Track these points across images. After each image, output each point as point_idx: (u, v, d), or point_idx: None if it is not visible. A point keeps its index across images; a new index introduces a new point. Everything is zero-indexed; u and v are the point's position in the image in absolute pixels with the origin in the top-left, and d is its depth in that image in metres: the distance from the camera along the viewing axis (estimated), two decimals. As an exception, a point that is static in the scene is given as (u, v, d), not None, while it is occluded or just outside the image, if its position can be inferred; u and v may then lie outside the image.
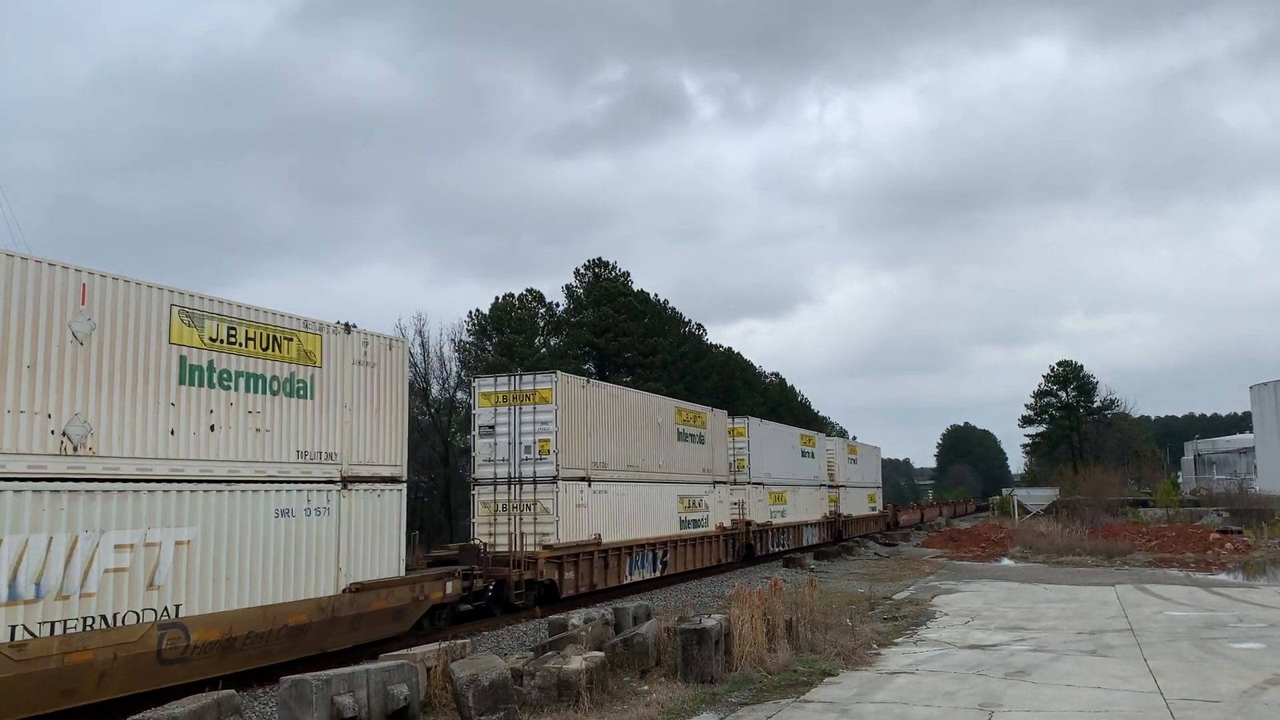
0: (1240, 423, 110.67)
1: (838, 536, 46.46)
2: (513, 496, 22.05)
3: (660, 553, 26.64)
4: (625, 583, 24.56)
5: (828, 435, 51.54)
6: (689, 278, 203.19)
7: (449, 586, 17.57)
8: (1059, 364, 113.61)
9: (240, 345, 13.57)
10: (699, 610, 17.65)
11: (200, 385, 12.83)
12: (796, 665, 13.52)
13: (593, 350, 70.42)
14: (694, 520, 29.20)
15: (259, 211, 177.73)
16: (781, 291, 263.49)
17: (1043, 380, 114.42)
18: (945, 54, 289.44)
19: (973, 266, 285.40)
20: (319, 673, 9.70)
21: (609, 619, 14.90)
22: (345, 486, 15.14)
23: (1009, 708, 11.01)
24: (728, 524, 31.80)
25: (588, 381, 24.18)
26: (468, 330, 66.79)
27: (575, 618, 14.63)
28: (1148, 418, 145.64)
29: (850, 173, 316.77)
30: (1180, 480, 77.65)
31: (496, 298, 69.55)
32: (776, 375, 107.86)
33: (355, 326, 15.71)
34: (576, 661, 11.33)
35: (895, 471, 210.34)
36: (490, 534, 21.75)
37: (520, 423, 22.32)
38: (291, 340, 14.51)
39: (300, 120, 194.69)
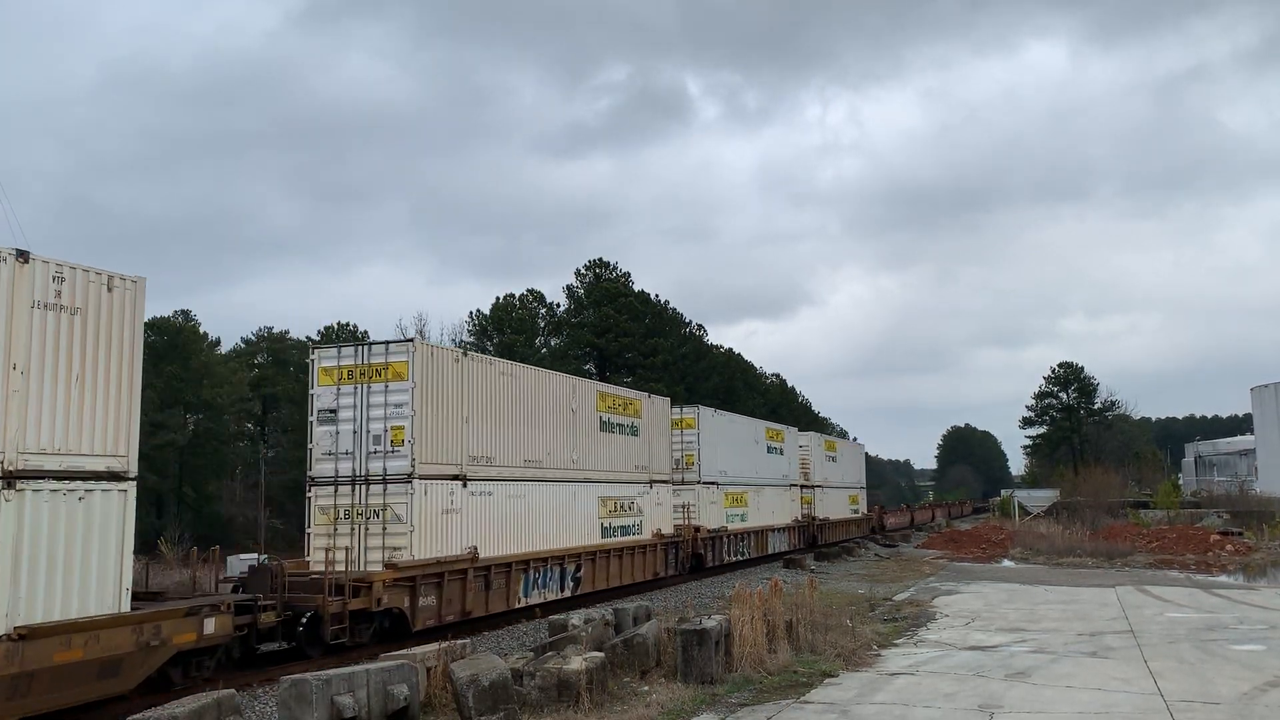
0: (1241, 424, 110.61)
1: (811, 542, 42.57)
2: (357, 500, 17.25)
3: (573, 567, 22.18)
4: (520, 606, 20.00)
5: (801, 429, 46.90)
6: (690, 278, 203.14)
7: (209, 624, 12.94)
8: (1060, 365, 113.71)
9: None
10: (699, 611, 17.64)
11: None
12: (797, 666, 13.52)
13: (593, 351, 70.44)
14: (622, 527, 24.74)
15: (260, 211, 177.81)
16: (783, 292, 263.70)
17: (1043, 381, 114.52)
18: (947, 56, 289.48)
19: (974, 268, 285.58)
20: (319, 672, 9.71)
21: (609, 619, 14.90)
22: (9, 485, 10.59)
23: (1009, 709, 11.01)
24: (668, 530, 27.49)
25: (464, 353, 19.49)
26: (468, 330, 66.86)
27: (575, 618, 14.63)
28: (1148, 419, 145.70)
29: (852, 174, 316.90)
30: (1181, 482, 77.61)
31: (497, 298, 69.70)
32: (777, 376, 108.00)
33: (35, 255, 11.18)
34: (576, 662, 11.33)
35: (896, 472, 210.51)
36: (329, 549, 16.76)
37: (369, 405, 17.47)
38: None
39: (302, 120, 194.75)
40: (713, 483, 31.77)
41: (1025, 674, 13.15)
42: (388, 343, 17.73)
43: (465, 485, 18.48)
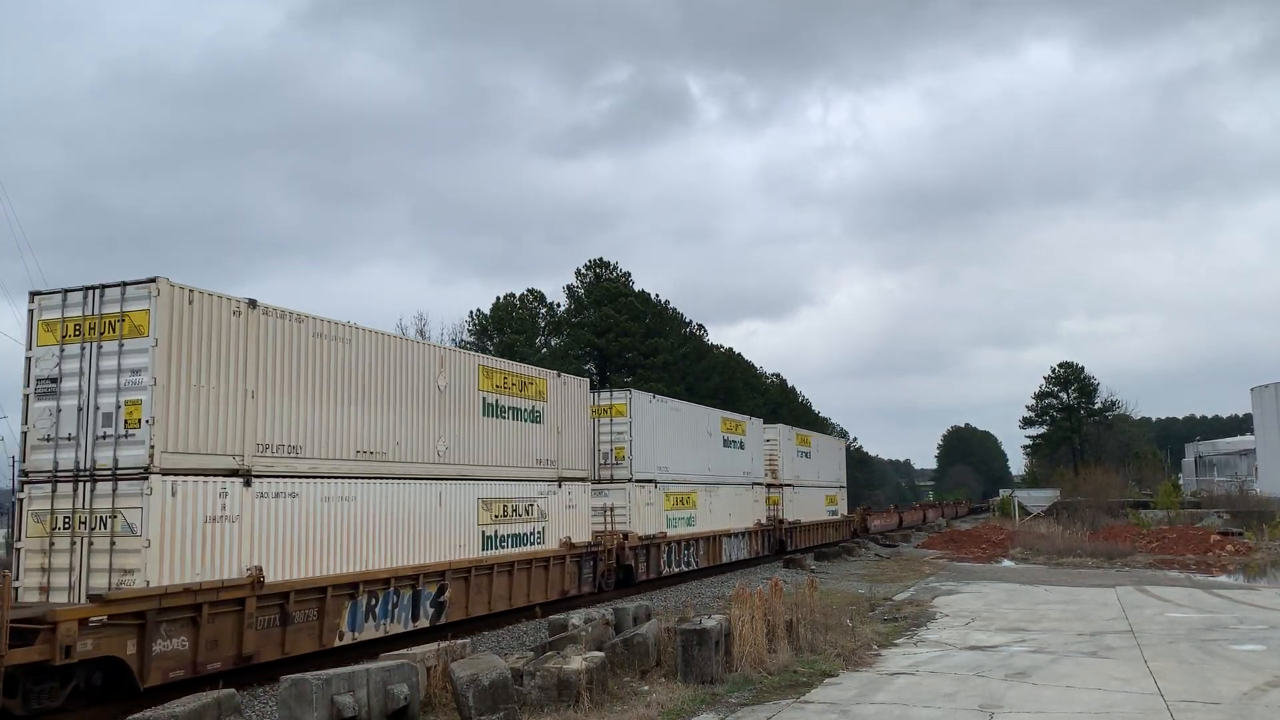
0: (1241, 424, 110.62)
1: (779, 549, 38.13)
2: (80, 502, 12.46)
3: (433, 589, 17.23)
4: (345, 643, 14.97)
5: (767, 422, 41.38)
6: (691, 279, 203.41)
7: None
8: (1060, 365, 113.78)
9: None
10: (699, 611, 17.64)
11: None
12: (797, 666, 13.52)
13: (594, 350, 70.44)
14: (515, 535, 19.80)
15: (263, 211, 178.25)
16: (784, 293, 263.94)
17: (1044, 382, 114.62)
18: (949, 57, 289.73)
19: (975, 268, 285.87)
20: (319, 672, 9.71)
21: (609, 619, 14.90)
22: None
23: (1009, 709, 11.01)
24: (583, 539, 22.60)
25: (252, 305, 13.84)
26: (469, 330, 66.87)
27: (575, 618, 14.64)
28: (1149, 419, 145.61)
29: (853, 175, 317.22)
30: (1181, 482, 77.59)
31: (498, 298, 69.73)
32: (778, 376, 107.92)
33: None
34: (576, 661, 11.33)
35: (896, 472, 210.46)
36: (44, 570, 12.39)
37: (98, 372, 12.71)
38: None
39: (305, 120, 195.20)
40: (649, 480, 26.90)
41: (1025, 674, 13.15)
42: (124, 284, 12.84)
43: (249, 484, 13.49)
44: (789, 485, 40.20)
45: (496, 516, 19.40)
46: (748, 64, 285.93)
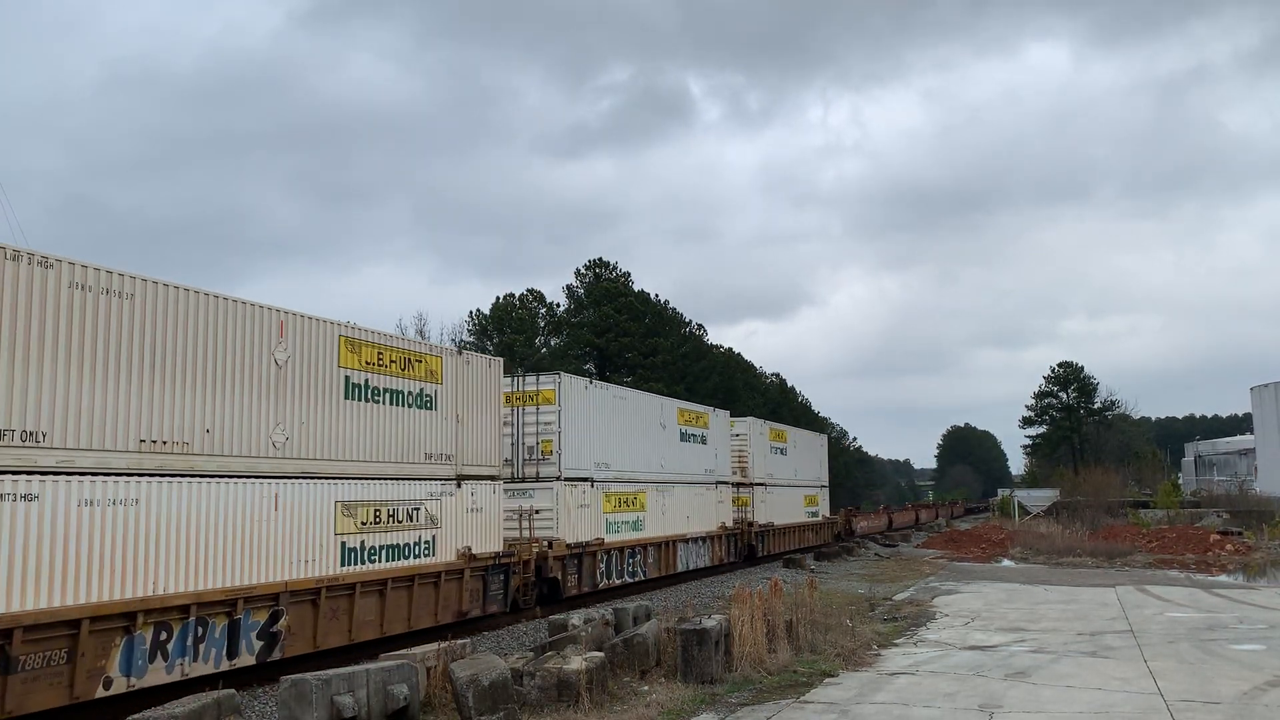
0: (1241, 424, 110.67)
1: (749, 555, 34.32)
2: None
3: (264, 618, 13.58)
4: (113, 693, 11.28)
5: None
6: (692, 279, 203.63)
7: None
8: (1060, 365, 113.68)
9: None
10: (699, 610, 17.64)
11: None
12: (796, 666, 13.52)
13: (593, 350, 70.44)
14: (392, 547, 16.17)
15: (264, 212, 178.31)
16: (784, 293, 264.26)
17: (1043, 381, 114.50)
18: (949, 57, 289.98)
19: (975, 268, 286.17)
20: (319, 672, 9.70)
21: (609, 619, 14.90)
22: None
23: (1009, 709, 11.01)
24: (489, 548, 18.71)
25: (29, 256, 10.88)
26: (468, 330, 66.87)
27: (575, 618, 14.63)
28: (1148, 419, 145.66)
29: (853, 175, 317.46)
30: (1180, 481, 77.58)
31: (497, 298, 69.73)
32: (777, 376, 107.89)
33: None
34: (576, 662, 11.33)
35: (896, 472, 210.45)
36: None
37: None
38: None
39: (306, 121, 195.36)
40: (583, 479, 23.20)
41: (1025, 674, 13.15)
42: None
43: None
44: (761, 484, 36.11)
45: (364, 524, 15.62)
46: (748, 64, 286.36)
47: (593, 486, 23.78)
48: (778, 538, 37.91)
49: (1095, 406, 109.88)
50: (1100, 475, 63.93)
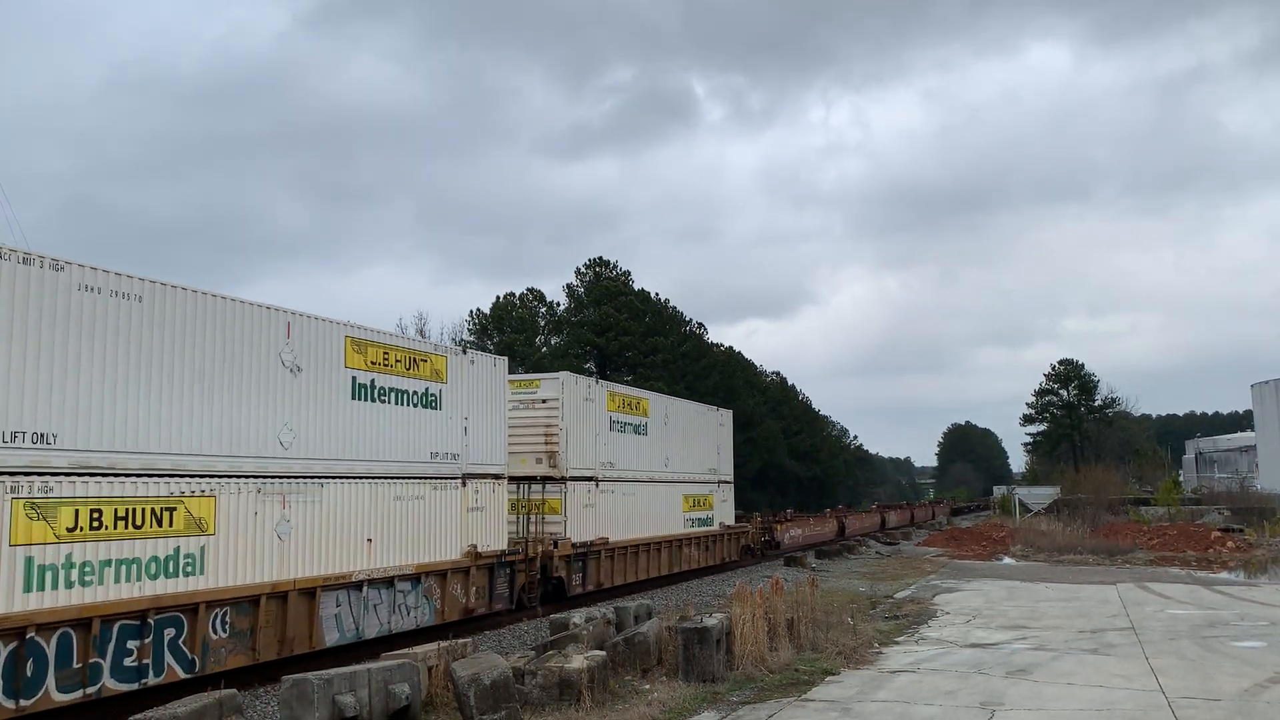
0: (1241, 421, 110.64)
1: (554, 595, 21.51)
2: None
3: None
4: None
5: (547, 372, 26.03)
6: (693, 279, 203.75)
7: None
8: (1060, 363, 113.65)
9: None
10: (700, 609, 17.64)
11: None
12: (798, 664, 13.53)
13: (593, 349, 70.45)
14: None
15: (268, 213, 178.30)
16: (785, 292, 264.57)
17: (1044, 379, 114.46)
18: (950, 58, 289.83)
19: (976, 268, 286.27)
20: (320, 671, 9.70)
21: (610, 618, 14.91)
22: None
23: (1010, 706, 11.01)
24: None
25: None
26: (468, 329, 66.88)
27: (577, 616, 14.64)
28: (1149, 416, 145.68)
29: (855, 175, 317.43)
30: (1181, 479, 77.62)
31: (498, 297, 69.76)
32: (778, 374, 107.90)
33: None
34: (578, 660, 11.33)
35: (897, 470, 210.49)
36: None
37: None
38: None
39: (309, 122, 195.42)
40: (47, 471, 10.91)
41: (1026, 671, 13.15)
42: None
43: None
44: (590, 479, 23.39)
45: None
46: (750, 65, 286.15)
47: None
48: (625, 562, 24.70)
49: (1096, 404, 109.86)
50: (1101, 473, 63.93)
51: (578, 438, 22.97)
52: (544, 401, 22.71)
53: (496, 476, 19.20)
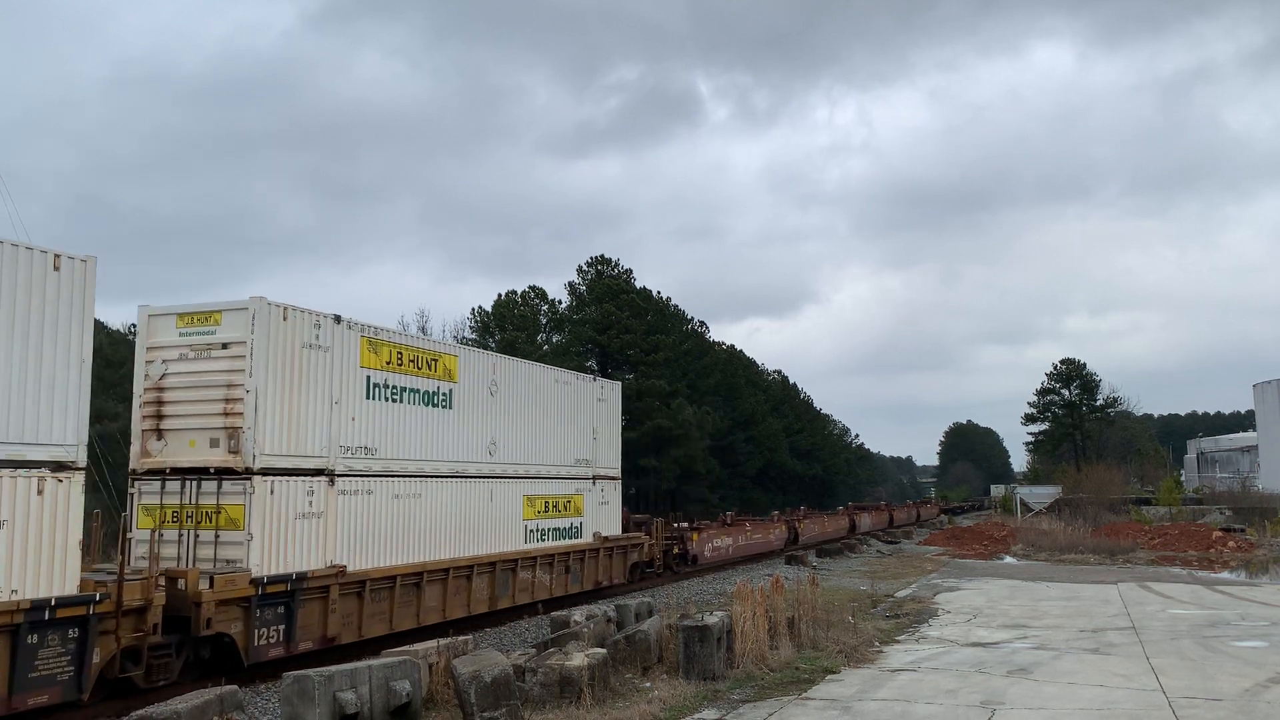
0: (1243, 421, 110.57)
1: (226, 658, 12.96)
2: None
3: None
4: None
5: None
6: (696, 277, 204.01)
7: None
8: (1062, 362, 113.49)
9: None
10: (701, 608, 17.64)
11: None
12: (799, 662, 13.53)
13: (595, 347, 70.44)
14: None
15: (273, 210, 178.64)
16: (788, 291, 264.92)
17: (1045, 378, 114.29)
18: (954, 57, 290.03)
19: (978, 266, 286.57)
20: (321, 668, 9.70)
21: (611, 616, 14.91)
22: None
23: (1011, 705, 11.01)
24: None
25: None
26: (470, 327, 66.86)
27: (578, 614, 14.64)
28: (1150, 416, 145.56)
29: (858, 174, 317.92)
30: (1183, 478, 77.57)
31: (499, 295, 69.68)
32: (779, 373, 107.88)
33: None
34: (579, 658, 11.33)
35: (898, 469, 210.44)
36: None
37: None
38: None
39: (314, 120, 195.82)
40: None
41: (1027, 670, 13.14)
42: None
43: None
44: (315, 472, 14.69)
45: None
46: (755, 64, 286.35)
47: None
48: (384, 603, 15.74)
49: (1098, 403, 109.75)
50: (1102, 472, 63.94)
51: (286, 406, 14.29)
52: (225, 347, 14.19)
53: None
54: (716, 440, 76.92)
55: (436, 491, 17.28)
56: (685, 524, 32.23)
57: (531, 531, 20.28)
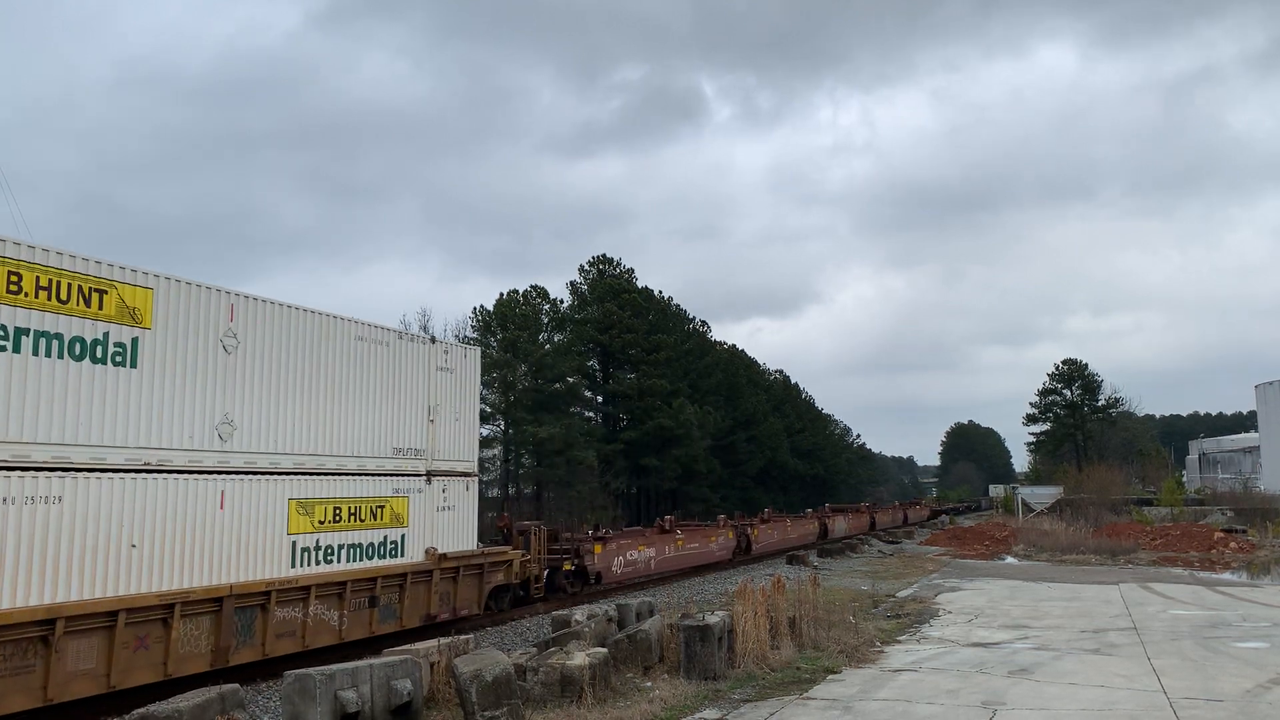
0: (1245, 422, 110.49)
1: None
2: None
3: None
4: None
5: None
6: (699, 277, 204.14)
7: None
8: (1064, 362, 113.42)
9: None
10: (702, 607, 17.64)
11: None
12: (799, 662, 13.53)
13: (596, 347, 70.45)
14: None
15: (275, 209, 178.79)
16: (790, 291, 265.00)
17: (1047, 379, 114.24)
18: (958, 58, 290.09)
19: (980, 267, 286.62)
20: (323, 667, 9.71)
21: (612, 615, 14.91)
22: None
23: (1012, 706, 11.00)
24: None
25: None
26: (472, 326, 66.84)
27: (579, 614, 14.65)
28: (1152, 416, 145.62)
29: (861, 174, 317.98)
30: (1185, 479, 77.54)
31: (501, 294, 69.66)
32: (781, 373, 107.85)
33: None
34: (580, 657, 11.34)
35: (899, 469, 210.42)
36: None
37: None
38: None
39: (317, 119, 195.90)
40: None
41: (1028, 671, 13.14)
42: None
43: None
44: None
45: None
46: (759, 64, 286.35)
47: None
48: None
49: (1099, 404, 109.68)
50: (1104, 472, 63.89)
51: None
52: None
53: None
54: (718, 440, 76.97)
55: (98, 492, 11.64)
56: (590, 532, 26.52)
57: (306, 551, 14.71)
